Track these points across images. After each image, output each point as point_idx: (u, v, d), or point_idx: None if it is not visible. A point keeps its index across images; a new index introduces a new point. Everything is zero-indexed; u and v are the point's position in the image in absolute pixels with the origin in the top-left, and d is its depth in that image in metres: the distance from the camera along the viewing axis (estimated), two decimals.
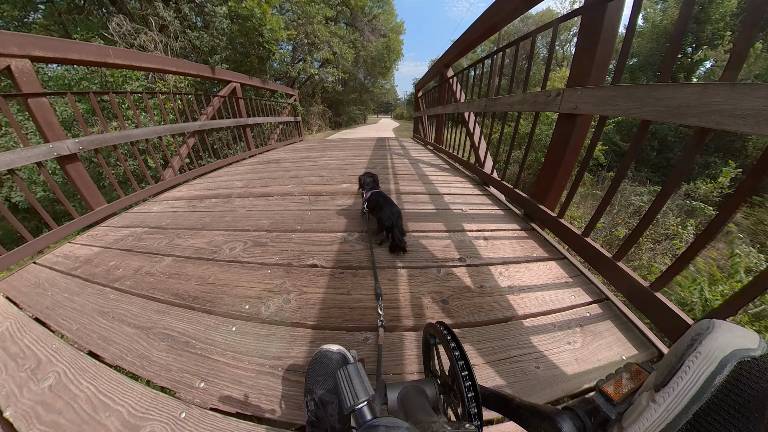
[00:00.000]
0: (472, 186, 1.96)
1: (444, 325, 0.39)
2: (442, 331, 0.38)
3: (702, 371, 0.17)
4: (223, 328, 0.79)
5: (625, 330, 0.76)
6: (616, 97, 0.83)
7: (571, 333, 0.74)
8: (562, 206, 1.16)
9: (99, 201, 1.68)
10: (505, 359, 0.68)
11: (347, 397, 0.31)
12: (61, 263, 1.16)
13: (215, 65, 3.24)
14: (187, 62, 2.72)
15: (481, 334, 0.75)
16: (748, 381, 0.16)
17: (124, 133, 1.84)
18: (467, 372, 0.33)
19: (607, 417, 0.23)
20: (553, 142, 1.19)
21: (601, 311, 0.82)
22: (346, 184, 2.02)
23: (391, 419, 0.27)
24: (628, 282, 0.83)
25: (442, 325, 0.39)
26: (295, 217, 1.45)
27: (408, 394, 0.36)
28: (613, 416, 0.22)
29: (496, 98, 1.59)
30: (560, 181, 1.20)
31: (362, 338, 0.75)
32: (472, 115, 2.27)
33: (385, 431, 0.25)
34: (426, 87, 4.85)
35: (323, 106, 16.22)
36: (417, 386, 0.37)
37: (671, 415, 0.17)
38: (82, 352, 0.73)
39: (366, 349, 0.72)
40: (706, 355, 0.17)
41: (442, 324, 0.39)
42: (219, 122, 2.99)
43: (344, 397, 0.31)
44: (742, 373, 0.16)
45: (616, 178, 0.90)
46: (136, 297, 0.92)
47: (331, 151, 3.61)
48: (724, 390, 0.16)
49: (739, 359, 0.16)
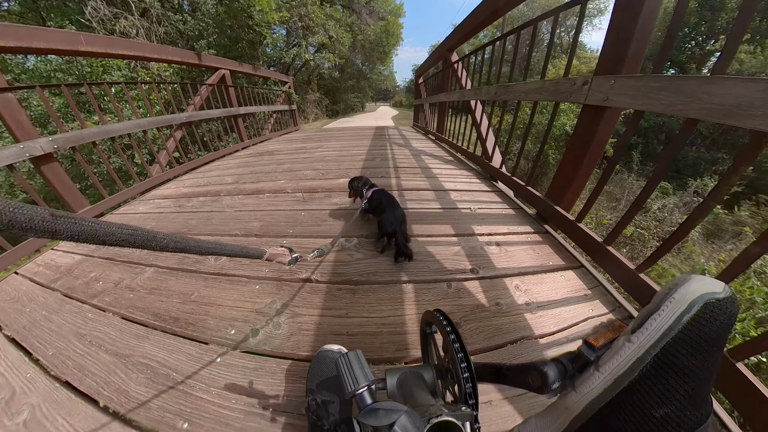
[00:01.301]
0: (478, 181, 1.85)
1: (441, 312, 0.41)
2: (439, 317, 0.40)
3: (673, 312, 0.19)
4: (206, 358, 0.71)
5: None
6: (659, 89, 0.71)
7: None
8: (582, 210, 1.05)
9: (81, 203, 1.58)
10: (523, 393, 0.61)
11: (348, 383, 0.32)
12: (41, 274, 1.09)
13: (202, 51, 3.03)
14: (170, 48, 2.53)
15: (496, 356, 0.68)
16: (710, 318, 0.18)
17: (104, 128, 1.71)
18: (463, 354, 0.34)
19: (588, 360, 0.25)
20: (575, 137, 1.07)
21: None
22: (343, 179, 1.90)
23: (390, 403, 0.28)
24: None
25: (439, 312, 0.41)
26: (287, 218, 1.35)
27: (406, 379, 0.38)
28: (592, 358, 0.25)
29: (508, 85, 1.45)
30: (580, 180, 1.09)
31: None
32: (479, 104, 2.11)
33: (385, 414, 0.26)
34: (427, 74, 4.63)
35: (319, 93, 15.75)
36: (415, 371, 0.39)
37: (642, 351, 0.20)
38: (57, 383, 0.68)
39: None
40: (678, 300, 0.19)
41: (439, 311, 0.41)
42: (208, 113, 2.83)
43: (345, 383, 0.33)
44: (706, 312, 0.18)
45: (650, 183, 0.80)
46: (114, 317, 0.85)
47: (328, 142, 3.46)
48: (690, 326, 0.18)
49: (705, 300, 0.18)
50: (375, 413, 0.26)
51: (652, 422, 0.20)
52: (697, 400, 0.19)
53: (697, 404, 0.19)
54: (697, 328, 0.18)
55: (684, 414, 0.19)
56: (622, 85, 0.82)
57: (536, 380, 0.28)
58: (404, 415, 0.25)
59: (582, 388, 0.24)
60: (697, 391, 0.19)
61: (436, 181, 1.83)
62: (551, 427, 0.27)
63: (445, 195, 1.58)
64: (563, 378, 0.26)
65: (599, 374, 0.22)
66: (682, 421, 0.19)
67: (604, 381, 0.22)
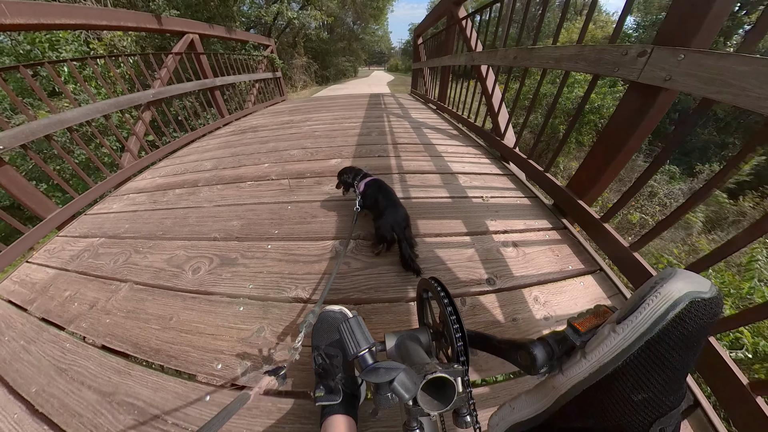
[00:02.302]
0: (488, 161, 1.68)
1: (436, 279, 0.43)
2: (434, 285, 0.42)
3: (658, 308, 0.20)
4: (194, 396, 0.64)
5: None
6: (745, 75, 0.52)
7: None
8: (611, 209, 0.91)
9: (47, 207, 1.41)
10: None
11: (351, 346, 0.35)
12: (17, 293, 1.01)
13: (161, 12, 2.60)
14: (121, 12, 2.14)
15: (514, 391, 0.62)
16: (694, 317, 0.20)
17: (55, 118, 1.47)
18: (455, 317, 0.37)
19: (573, 344, 0.27)
20: (614, 123, 0.88)
21: None
22: (334, 160, 1.72)
23: (389, 363, 0.31)
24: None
25: (435, 279, 0.43)
26: (271, 214, 1.21)
27: (404, 341, 0.41)
28: (577, 343, 0.27)
29: (533, 49, 1.19)
30: (611, 173, 0.93)
31: (369, 411, 0.60)
32: (492, 71, 1.84)
33: (385, 372, 0.29)
34: (427, 33, 4.12)
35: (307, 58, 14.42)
36: (412, 334, 0.43)
37: (627, 342, 0.22)
38: (45, 426, 0.63)
39: (377, 426, 0.58)
40: (663, 296, 0.20)
41: (434, 279, 0.44)
42: (179, 87, 2.52)
43: (348, 346, 0.36)
44: (691, 310, 0.20)
45: (708, 186, 0.67)
46: (93, 348, 0.78)
47: (318, 113, 3.17)
48: (674, 323, 0.20)
49: (691, 299, 0.20)
50: (376, 372, 0.29)
51: (631, 405, 0.22)
52: (674, 387, 0.22)
53: (673, 391, 0.22)
54: (681, 325, 0.20)
55: (660, 399, 0.22)
56: (694, 63, 0.60)
57: (525, 360, 0.31)
58: (402, 372, 0.28)
59: (569, 372, 0.26)
60: (675, 380, 0.21)
61: (441, 161, 1.66)
62: (540, 402, 0.30)
63: (452, 179, 1.44)
64: (551, 359, 0.29)
65: (586, 361, 0.25)
66: (658, 406, 0.22)
67: (590, 367, 0.24)
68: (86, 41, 4.35)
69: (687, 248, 3.26)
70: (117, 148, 3.77)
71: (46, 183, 3.76)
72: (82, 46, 4.19)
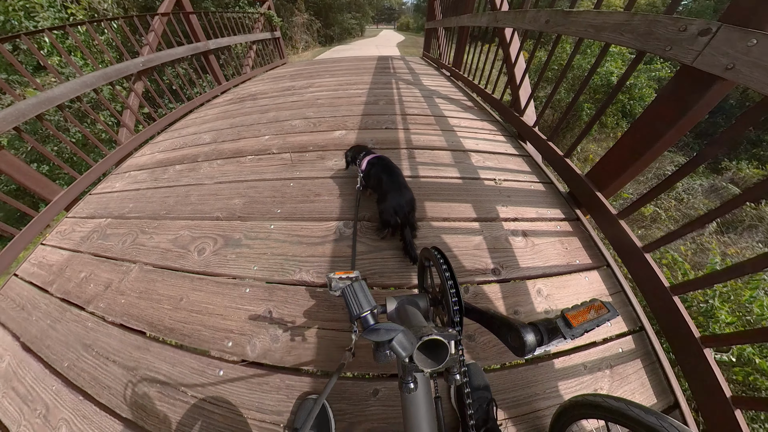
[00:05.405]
0: (504, 139, 1.63)
1: (437, 249, 0.48)
2: (435, 254, 0.46)
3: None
4: (209, 372, 0.72)
5: (651, 372, 0.73)
6: None
7: (600, 376, 0.71)
8: (632, 205, 0.87)
9: (52, 189, 1.47)
10: (529, 413, 0.65)
11: (354, 308, 0.40)
12: (37, 275, 1.10)
13: None
14: None
15: (508, 381, 0.68)
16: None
17: (43, 96, 1.45)
18: (453, 284, 0.42)
19: (563, 337, 0.32)
20: (654, 111, 0.81)
21: (633, 346, 0.77)
22: (339, 131, 1.69)
23: (389, 324, 0.33)
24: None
25: (436, 249, 0.48)
26: (273, 192, 1.24)
27: (404, 305, 0.45)
28: (567, 338, 0.32)
29: (569, 12, 1.04)
30: (639, 166, 0.90)
31: (371, 390, 0.67)
32: (517, 36, 1.67)
33: (385, 332, 0.32)
34: None
35: (308, 14, 13.46)
36: (412, 299, 0.47)
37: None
38: (80, 396, 0.74)
39: (376, 405, 0.65)
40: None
41: (435, 249, 0.48)
42: (169, 53, 2.44)
43: (351, 308, 0.40)
44: None
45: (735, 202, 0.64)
46: (112, 327, 0.87)
47: (321, 78, 3.07)
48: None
49: None
50: (377, 331, 0.32)
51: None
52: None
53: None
54: None
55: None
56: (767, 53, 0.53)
57: (515, 341, 0.35)
58: (401, 333, 0.31)
59: None
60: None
61: (453, 136, 1.62)
62: None
63: (464, 158, 1.41)
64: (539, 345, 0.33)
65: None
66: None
67: None
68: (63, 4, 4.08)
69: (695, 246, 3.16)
70: (112, 124, 3.78)
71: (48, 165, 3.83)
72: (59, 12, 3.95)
